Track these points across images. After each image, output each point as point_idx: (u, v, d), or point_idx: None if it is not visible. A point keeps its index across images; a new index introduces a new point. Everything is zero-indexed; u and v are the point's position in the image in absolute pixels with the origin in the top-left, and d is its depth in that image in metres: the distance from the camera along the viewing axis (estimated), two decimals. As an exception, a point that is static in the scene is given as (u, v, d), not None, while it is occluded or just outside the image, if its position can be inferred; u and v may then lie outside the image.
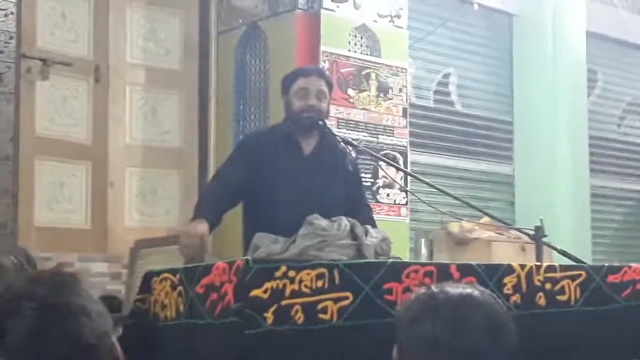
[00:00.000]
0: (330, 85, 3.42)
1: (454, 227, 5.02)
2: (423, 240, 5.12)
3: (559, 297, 2.71)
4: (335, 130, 4.37)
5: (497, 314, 1.48)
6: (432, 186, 3.79)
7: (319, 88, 3.32)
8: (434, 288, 1.49)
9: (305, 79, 3.33)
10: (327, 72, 3.79)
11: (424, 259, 4.92)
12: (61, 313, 1.24)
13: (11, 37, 4.55)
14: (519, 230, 3.87)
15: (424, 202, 3.90)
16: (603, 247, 6.56)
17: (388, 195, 5.04)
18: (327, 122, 3.42)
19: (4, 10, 4.53)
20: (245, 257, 2.36)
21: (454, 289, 1.49)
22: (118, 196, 4.86)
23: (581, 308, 2.74)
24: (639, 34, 6.96)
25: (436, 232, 5.12)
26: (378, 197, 4.99)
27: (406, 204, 5.13)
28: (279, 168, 3.26)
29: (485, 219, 4.96)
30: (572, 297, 2.74)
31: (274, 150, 3.29)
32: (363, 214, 3.33)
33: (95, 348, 1.27)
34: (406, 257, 4.71)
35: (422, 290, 1.50)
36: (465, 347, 1.42)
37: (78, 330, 1.24)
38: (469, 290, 1.49)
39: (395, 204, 5.07)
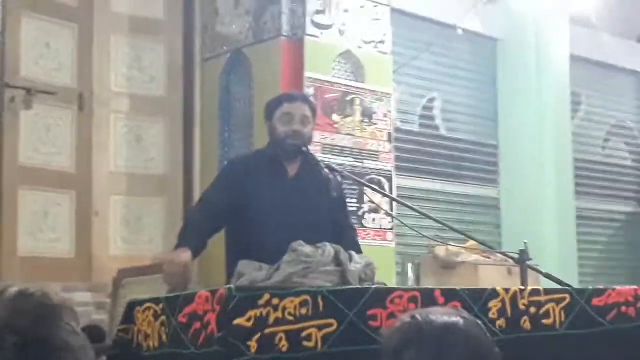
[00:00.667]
0: (314, 111, 3.43)
1: (441, 251, 5.01)
2: (410, 264, 5.12)
3: (544, 321, 2.71)
4: (319, 155, 4.37)
5: (481, 343, 1.48)
6: (417, 211, 3.79)
7: (303, 113, 3.33)
8: (418, 316, 1.49)
9: (289, 105, 3.34)
10: (310, 98, 3.80)
11: (411, 283, 4.92)
12: (43, 348, 1.23)
13: (-5, 67, 4.55)
14: (503, 254, 3.88)
15: (409, 227, 3.89)
16: (590, 269, 6.57)
17: (374, 220, 5.04)
18: (310, 147, 3.42)
19: (-12, 40, 4.53)
20: (228, 286, 2.35)
21: (438, 317, 1.48)
22: (102, 225, 4.83)
23: (566, 332, 2.74)
24: (622, 57, 7.03)
25: (423, 256, 5.12)
26: (364, 222, 4.98)
27: (392, 228, 5.12)
28: (264, 191, 3.25)
29: (471, 243, 4.97)
30: (557, 321, 2.74)
31: (259, 172, 3.28)
32: (348, 238, 3.33)
33: None
34: (393, 282, 4.70)
35: (407, 318, 1.50)
36: None
37: None
38: (453, 319, 1.48)
39: (381, 228, 5.07)
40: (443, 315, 1.49)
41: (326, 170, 3.36)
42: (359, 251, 3.19)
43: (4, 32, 4.56)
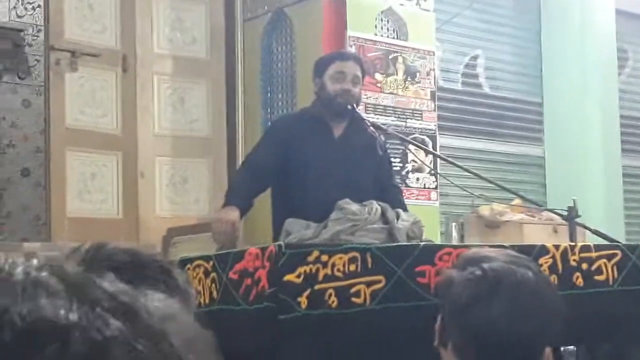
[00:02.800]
0: (364, 72, 3.43)
1: (485, 210, 4.98)
2: (454, 224, 5.10)
3: (596, 277, 2.69)
4: (363, 114, 4.35)
5: (550, 299, 1.47)
6: (463, 169, 3.77)
7: (355, 73, 3.32)
8: (488, 269, 1.46)
9: (342, 63, 3.33)
10: (362, 59, 3.76)
11: (454, 242, 4.90)
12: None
13: (39, 30, 4.58)
14: (551, 211, 3.84)
15: (455, 185, 3.87)
16: (636, 227, 6.49)
17: (417, 179, 5.02)
18: (358, 107, 3.41)
19: (32, 3, 4.56)
20: (278, 243, 2.37)
21: (510, 273, 1.46)
22: (148, 186, 4.88)
23: (620, 288, 2.71)
24: (670, 11, 6.85)
25: (467, 215, 5.09)
26: (407, 181, 4.96)
27: (436, 187, 5.10)
28: (309, 151, 3.26)
29: (517, 201, 4.93)
30: (610, 277, 2.72)
31: (304, 133, 3.29)
32: (393, 197, 3.32)
33: None
34: (437, 241, 4.69)
35: (477, 271, 1.46)
36: (518, 334, 1.41)
37: None
38: (523, 274, 1.46)
39: (425, 188, 5.05)
40: (513, 268, 1.46)
41: (372, 128, 3.35)
42: (404, 209, 3.18)
43: (48, -5, 4.59)
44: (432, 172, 4.92)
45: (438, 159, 4.93)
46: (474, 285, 1.45)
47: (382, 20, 5.01)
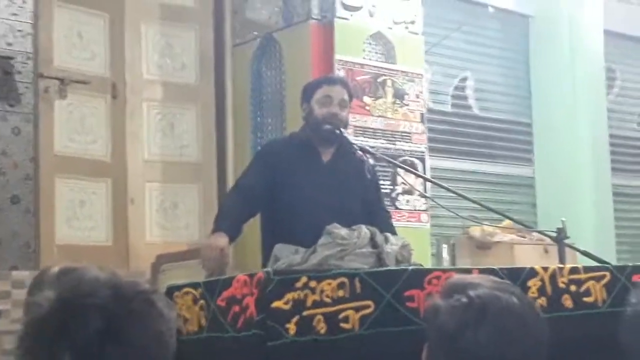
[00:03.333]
0: (351, 96, 3.44)
1: (476, 231, 4.99)
2: (445, 245, 5.11)
3: (585, 299, 2.69)
4: (352, 138, 4.36)
5: (535, 323, 1.48)
6: (452, 191, 3.77)
7: (342, 97, 3.34)
8: (473, 295, 1.46)
9: (329, 87, 3.35)
10: (349, 83, 3.77)
11: (446, 264, 4.91)
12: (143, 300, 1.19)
13: (28, 58, 4.59)
14: (541, 232, 3.85)
15: (444, 208, 3.88)
16: (627, 246, 6.50)
17: (408, 201, 5.02)
18: (345, 131, 3.41)
19: (21, 31, 4.57)
20: (266, 269, 2.36)
21: (494, 299, 1.46)
22: (138, 212, 4.87)
23: (609, 309, 2.71)
24: (657, 31, 6.90)
25: (458, 237, 5.10)
26: (397, 203, 4.97)
27: (426, 209, 5.10)
28: (298, 176, 3.26)
29: (507, 222, 4.93)
30: (599, 298, 2.71)
31: (293, 158, 3.29)
32: (382, 221, 3.32)
33: None
34: (428, 263, 4.69)
35: (462, 298, 1.46)
36: (507, 358, 1.42)
37: None
38: (508, 300, 1.47)
39: (415, 210, 5.05)
40: (496, 292, 1.47)
41: (360, 152, 3.35)
42: (393, 233, 3.18)
43: (37, 22, 4.60)
44: (422, 194, 4.93)
45: (427, 182, 4.94)
46: (461, 313, 1.45)
47: (370, 43, 5.04)
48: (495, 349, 1.42)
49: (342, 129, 3.33)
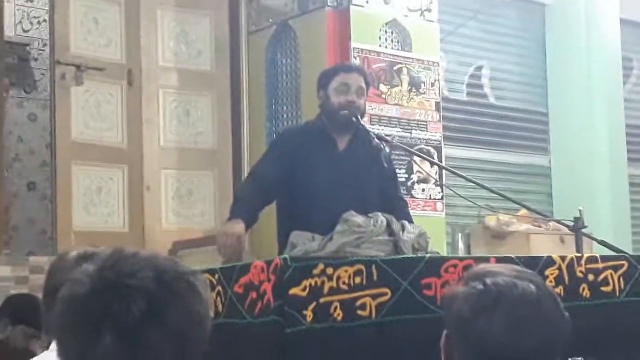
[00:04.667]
0: (368, 84, 3.42)
1: (491, 220, 4.97)
2: (460, 234, 5.09)
3: (603, 289, 2.68)
4: (368, 126, 4.35)
5: (553, 313, 1.46)
6: (468, 180, 3.76)
7: (359, 85, 3.32)
8: (489, 283, 1.46)
9: (346, 75, 3.33)
10: (366, 71, 3.74)
11: (461, 253, 4.89)
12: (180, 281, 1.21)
13: (45, 45, 4.60)
14: (558, 222, 3.82)
15: (461, 197, 3.86)
16: (644, 236, 6.46)
17: (423, 190, 5.01)
18: (363, 119, 3.40)
19: (37, 18, 4.58)
20: (284, 256, 2.36)
21: (511, 287, 1.45)
22: (154, 199, 4.89)
23: (626, 299, 2.70)
24: (675, 20, 6.84)
25: (473, 226, 5.08)
26: (413, 192, 4.96)
27: (442, 198, 5.09)
28: (314, 164, 3.25)
29: (523, 212, 4.91)
30: (617, 288, 2.70)
31: (309, 146, 3.28)
32: (399, 210, 3.31)
33: None
34: (443, 252, 4.67)
35: (478, 285, 1.46)
36: (520, 348, 1.41)
37: None
38: (525, 287, 1.46)
39: (431, 199, 5.04)
40: (515, 282, 1.46)
41: (376, 140, 3.34)
42: (410, 222, 3.17)
43: (53, 9, 4.62)
44: (438, 183, 4.92)
45: (444, 170, 4.93)
46: (476, 299, 1.44)
47: (386, 32, 5.02)
48: (509, 336, 1.41)
49: (359, 117, 3.31)
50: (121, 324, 1.06)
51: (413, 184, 4.98)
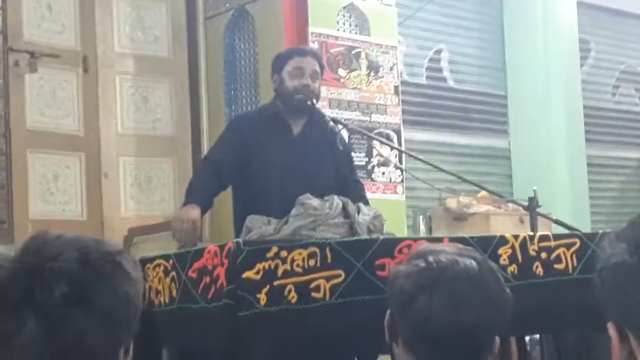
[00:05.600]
0: (322, 67, 3.42)
1: (452, 202, 5.01)
2: (421, 217, 5.12)
3: (556, 266, 2.71)
4: (327, 110, 4.34)
5: (494, 288, 1.47)
6: (427, 163, 3.77)
7: (314, 68, 3.31)
8: (431, 259, 1.47)
9: (300, 58, 3.32)
10: (320, 54, 3.73)
11: (422, 235, 4.92)
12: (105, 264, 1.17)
13: (-2, 32, 4.52)
14: (513, 202, 3.87)
15: (420, 180, 3.88)
16: (602, 216, 6.55)
17: (383, 173, 5.03)
18: (317, 103, 3.40)
19: (-11, 4, 4.50)
20: (236, 240, 2.35)
21: (452, 263, 1.46)
22: (112, 186, 4.84)
23: (579, 276, 2.73)
24: (630, 2, 6.92)
25: (434, 208, 5.11)
26: (373, 176, 4.97)
27: (402, 181, 5.11)
28: (268, 148, 3.25)
29: (483, 194, 4.95)
30: (570, 265, 2.73)
31: (263, 130, 3.27)
32: (355, 192, 3.32)
33: None
34: (404, 235, 4.70)
35: (420, 262, 1.47)
36: (462, 325, 1.42)
37: None
38: (467, 262, 1.47)
39: (391, 182, 5.06)
40: (457, 258, 1.47)
41: (332, 123, 3.34)
42: (366, 203, 3.19)
43: (5, -4, 4.53)
44: (397, 166, 4.93)
45: (403, 153, 4.94)
46: (417, 276, 1.45)
47: (344, 15, 5.01)
48: (451, 312, 1.41)
49: (313, 101, 3.31)
50: (44, 308, 1.04)
51: (373, 167, 4.99)
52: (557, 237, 2.77)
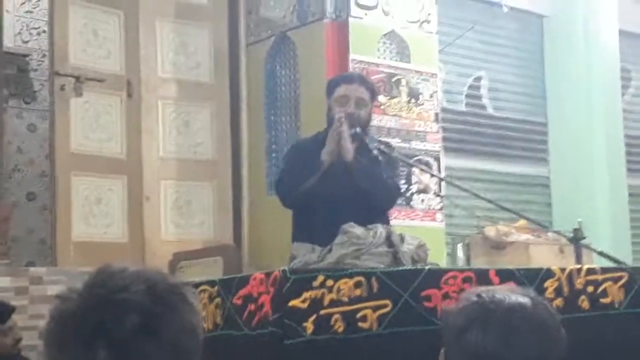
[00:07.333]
0: (372, 92, 3.40)
1: (491, 231, 4.98)
2: (460, 245, 5.10)
3: (602, 300, 2.68)
4: (374, 136, 4.32)
5: (548, 325, 1.46)
6: (467, 190, 3.76)
7: (359, 96, 3.30)
8: (484, 296, 1.47)
9: (346, 86, 3.33)
10: (369, 79, 3.69)
11: (461, 263, 4.90)
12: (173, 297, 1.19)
13: (44, 55, 4.61)
14: (557, 233, 3.83)
15: (458, 207, 3.87)
16: (643, 247, 6.46)
17: (422, 200, 5.01)
18: (365, 129, 3.37)
19: (37, 28, 4.59)
20: (283, 268, 2.36)
21: (505, 297, 1.46)
22: (153, 209, 4.89)
23: (626, 310, 2.70)
24: (673, 31, 6.86)
25: (472, 236, 5.09)
26: (412, 203, 4.96)
27: (441, 209, 5.09)
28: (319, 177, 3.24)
29: (522, 222, 4.92)
30: (616, 299, 2.70)
31: (314, 157, 3.28)
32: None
33: None
34: (443, 263, 4.68)
35: (473, 297, 1.47)
36: (513, 357, 1.40)
37: None
38: (520, 299, 1.46)
39: (430, 209, 5.04)
40: (510, 295, 1.46)
41: (375, 152, 3.32)
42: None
43: (52, 20, 4.62)
44: (437, 193, 4.92)
45: (443, 181, 4.93)
46: (469, 310, 1.45)
47: (384, 42, 5.03)
48: (503, 346, 1.40)
49: (357, 129, 3.29)
50: (115, 339, 1.06)
51: (412, 194, 4.98)
52: (604, 270, 2.74)
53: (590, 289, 2.66)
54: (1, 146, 4.45)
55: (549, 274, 2.62)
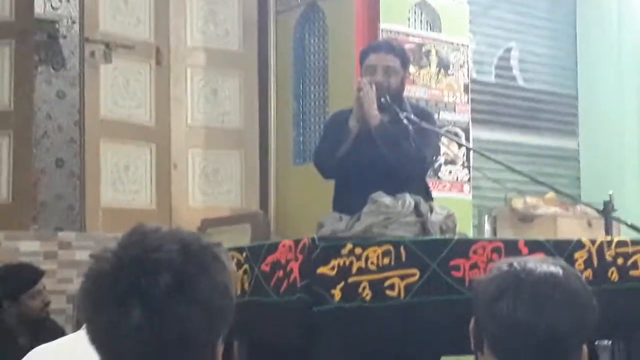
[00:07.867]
0: (402, 58, 3.33)
1: (518, 203, 4.95)
2: (486, 217, 5.07)
3: (632, 272, 2.66)
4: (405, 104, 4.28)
5: (579, 295, 1.45)
6: (496, 161, 3.73)
7: (386, 64, 3.26)
8: (515, 265, 1.46)
9: (374, 55, 3.29)
10: (397, 45, 3.59)
11: (487, 235, 4.87)
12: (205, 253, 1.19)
13: (74, 22, 4.62)
14: (587, 205, 3.80)
15: (488, 178, 3.84)
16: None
17: (450, 172, 4.99)
18: (397, 97, 3.31)
19: (67, -5, 4.60)
20: (311, 236, 2.37)
21: (537, 266, 1.46)
22: (181, 177, 4.91)
23: (656, 283, 2.68)
24: None
25: (500, 208, 5.06)
26: (440, 174, 4.94)
27: (469, 180, 5.07)
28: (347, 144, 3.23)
29: (550, 195, 4.88)
30: (646, 272, 2.68)
31: (347, 126, 3.26)
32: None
33: None
34: (470, 234, 4.66)
35: (504, 267, 1.48)
36: (546, 328, 1.40)
37: None
38: (552, 269, 1.46)
39: (457, 181, 5.02)
40: (542, 264, 1.46)
41: (405, 121, 3.30)
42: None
43: (83, -13, 4.63)
44: (465, 165, 4.89)
45: (471, 152, 4.90)
46: (500, 279, 1.45)
47: (415, 12, 4.98)
48: (532, 315, 1.40)
49: (386, 97, 3.26)
50: (149, 298, 1.07)
51: (440, 165, 4.96)
52: (635, 242, 2.72)
53: (620, 261, 2.65)
54: (30, 112, 4.48)
55: (579, 245, 2.61)
